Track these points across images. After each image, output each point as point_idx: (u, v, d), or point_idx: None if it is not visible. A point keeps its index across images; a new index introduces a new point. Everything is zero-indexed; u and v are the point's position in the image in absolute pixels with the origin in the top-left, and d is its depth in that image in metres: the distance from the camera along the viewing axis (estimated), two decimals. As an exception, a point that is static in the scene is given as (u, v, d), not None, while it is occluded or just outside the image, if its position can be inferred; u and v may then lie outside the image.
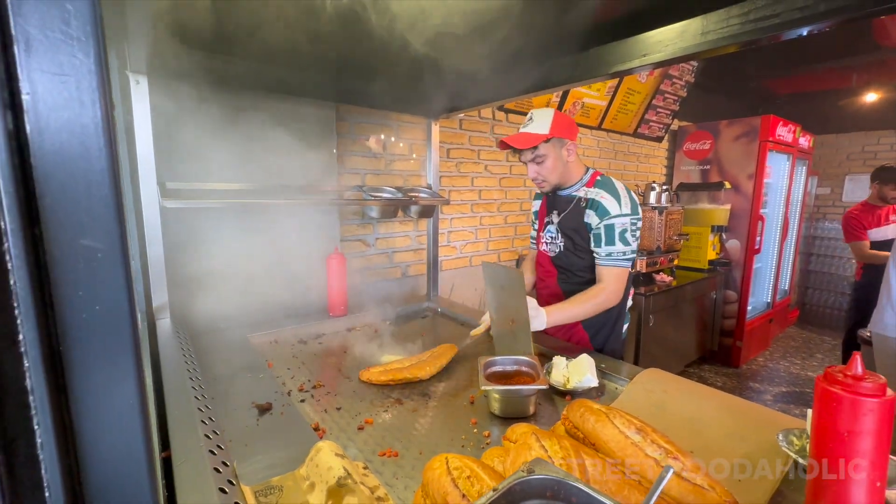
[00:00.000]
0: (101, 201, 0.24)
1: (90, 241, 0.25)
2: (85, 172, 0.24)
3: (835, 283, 5.47)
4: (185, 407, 0.87)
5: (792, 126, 4.16)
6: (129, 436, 0.27)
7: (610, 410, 0.93)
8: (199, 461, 0.70)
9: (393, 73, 1.63)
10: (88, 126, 0.24)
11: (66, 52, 0.23)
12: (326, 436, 1.03)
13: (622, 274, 1.51)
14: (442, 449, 1.00)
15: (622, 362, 1.43)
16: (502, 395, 1.14)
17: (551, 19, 1.37)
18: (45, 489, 0.25)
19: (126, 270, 0.27)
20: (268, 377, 1.28)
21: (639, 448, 0.83)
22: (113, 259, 0.26)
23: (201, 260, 1.67)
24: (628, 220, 1.48)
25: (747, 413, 1.06)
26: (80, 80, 0.24)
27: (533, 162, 1.53)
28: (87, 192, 0.24)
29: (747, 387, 3.75)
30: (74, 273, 0.25)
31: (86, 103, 0.24)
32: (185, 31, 1.26)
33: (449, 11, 1.31)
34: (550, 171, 1.53)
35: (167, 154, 1.52)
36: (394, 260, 2.43)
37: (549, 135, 1.46)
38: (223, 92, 1.65)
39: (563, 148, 1.52)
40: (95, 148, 0.24)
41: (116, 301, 0.27)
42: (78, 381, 0.25)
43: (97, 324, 0.26)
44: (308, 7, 1.13)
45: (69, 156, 0.23)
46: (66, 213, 0.24)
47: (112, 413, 0.26)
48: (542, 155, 1.50)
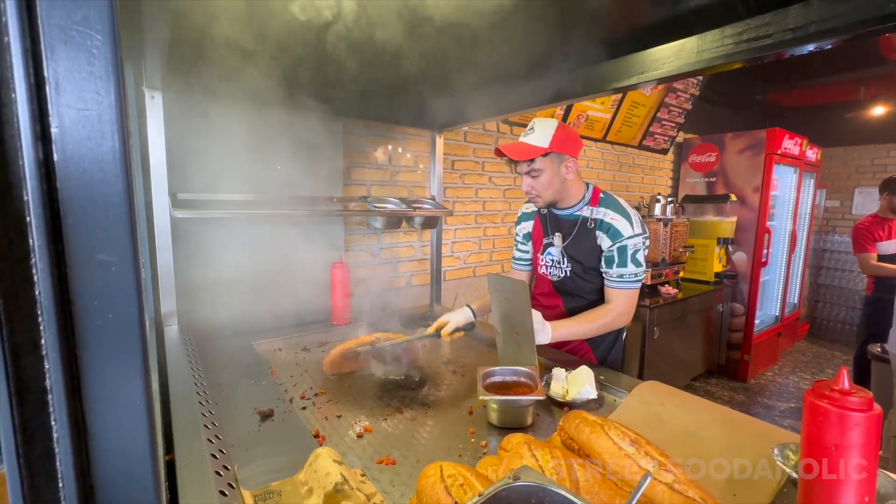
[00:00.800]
0: (116, 221, 0.27)
1: (105, 255, 0.28)
2: (103, 196, 0.27)
3: (846, 297, 5.38)
4: (190, 412, 0.90)
5: (798, 139, 4.16)
6: (135, 434, 0.29)
7: (605, 422, 0.94)
8: (200, 464, 0.72)
9: (398, 88, 1.68)
10: (107, 155, 0.27)
11: (90, 89, 0.26)
12: (326, 442, 1.05)
13: (633, 295, 1.47)
14: (439, 457, 1.01)
15: (621, 374, 1.43)
16: (500, 406, 1.15)
17: (555, 35, 1.41)
18: (59, 480, 0.27)
19: (137, 282, 0.30)
20: (271, 384, 1.31)
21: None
22: (125, 272, 0.29)
23: (209, 268, 1.72)
24: (640, 239, 1.44)
25: (745, 426, 1.06)
26: (102, 113, 0.27)
27: (528, 175, 1.44)
28: (104, 212, 0.27)
29: (755, 402, 3.70)
30: (91, 284, 0.28)
31: (106, 134, 0.27)
32: (199, 49, 1.32)
33: (454, 26, 1.36)
34: (545, 187, 1.44)
35: (179, 165, 1.57)
36: (398, 270, 2.46)
37: (548, 149, 1.38)
38: (234, 106, 1.71)
39: (563, 164, 1.43)
40: (112, 174, 0.27)
41: (127, 310, 0.29)
42: (91, 382, 0.27)
43: (109, 330, 0.29)
44: (315, 26, 1.18)
45: (90, 181, 0.27)
46: (85, 231, 0.27)
47: (120, 413, 0.28)
48: (538, 169, 1.42)
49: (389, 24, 1.09)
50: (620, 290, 1.46)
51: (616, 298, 1.47)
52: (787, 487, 0.86)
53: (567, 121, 3.19)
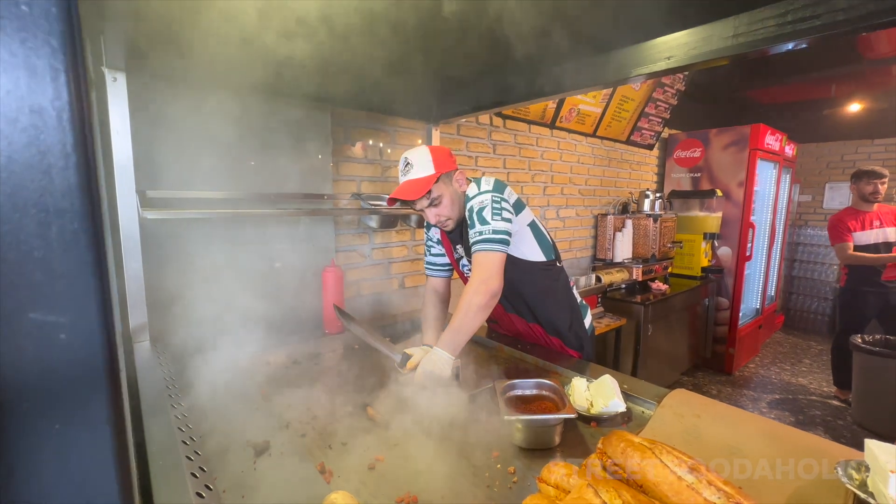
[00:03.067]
0: (65, 246, 0.14)
1: (46, 313, 0.14)
2: (38, 196, 0.13)
3: (818, 288, 5.57)
4: (171, 457, 0.74)
5: (779, 135, 4.23)
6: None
7: (654, 445, 0.84)
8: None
9: (393, 75, 1.54)
10: (46, 111, 0.13)
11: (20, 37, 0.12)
12: (334, 480, 0.91)
13: (493, 258, 1.30)
14: (466, 490, 0.89)
15: (643, 382, 1.34)
16: (525, 425, 1.04)
17: (571, 21, 1.30)
18: None
19: (109, 354, 0.16)
20: (262, 407, 1.15)
21: (695, 491, 0.74)
22: (85, 341, 0.15)
23: (184, 275, 1.53)
24: (488, 196, 1.34)
25: (792, 440, 0.99)
26: (29, 27, 0.13)
27: (431, 206, 1.40)
28: (40, 231, 0.13)
29: (742, 394, 3.75)
30: (21, 369, 0.14)
31: (40, 73, 0.13)
32: (168, 25, 1.14)
33: (454, 15, 1.23)
34: (451, 209, 1.41)
35: (147, 159, 1.38)
36: (390, 271, 2.32)
37: (436, 174, 1.36)
38: (211, 92, 1.52)
39: (453, 180, 1.42)
40: (58, 150, 0.14)
41: (88, 404, 0.16)
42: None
43: (59, 441, 0.15)
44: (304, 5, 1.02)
45: (6, 166, 0.13)
46: (6, 277, 0.13)
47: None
48: (437, 196, 1.38)
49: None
50: (476, 254, 1.32)
51: (474, 266, 1.32)
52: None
53: (559, 115, 3.11)
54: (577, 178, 3.52)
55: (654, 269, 3.60)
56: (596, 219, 3.73)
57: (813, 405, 3.56)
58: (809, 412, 3.44)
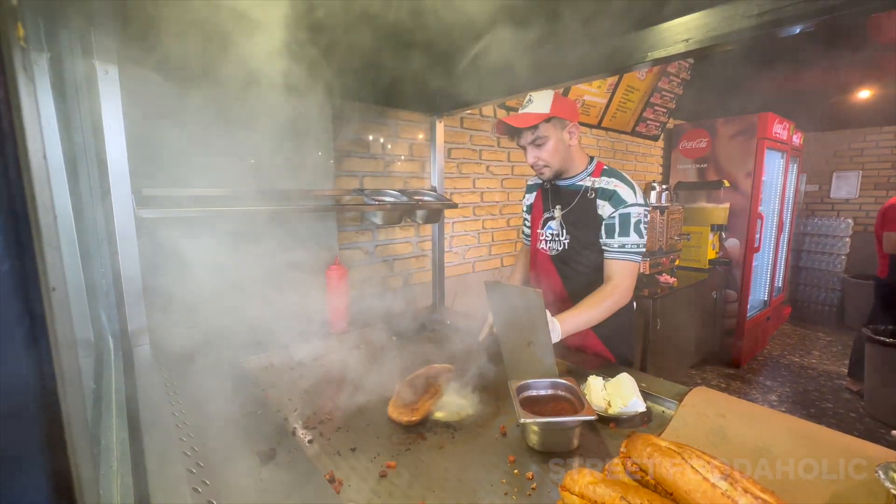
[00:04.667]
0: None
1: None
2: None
3: (825, 279, 5.50)
4: (172, 470, 0.69)
5: (787, 123, 4.16)
6: None
7: (682, 449, 0.79)
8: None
9: (397, 66, 1.48)
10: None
11: None
12: (344, 489, 0.86)
13: (633, 269, 1.39)
14: (482, 498, 0.85)
15: (661, 380, 1.29)
16: (542, 428, 0.99)
17: (580, 3, 1.25)
18: None
19: (47, 410, 0.11)
20: (267, 411, 1.11)
21: (730, 499, 0.69)
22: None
23: (184, 276, 1.48)
24: (643, 210, 1.38)
25: (825, 440, 0.94)
26: None
27: (533, 144, 1.41)
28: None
29: (752, 387, 3.70)
30: None
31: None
32: (160, 13, 1.09)
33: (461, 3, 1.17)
34: (552, 155, 1.41)
35: (143, 156, 1.32)
36: (395, 269, 2.27)
37: (549, 114, 1.35)
38: (207, 85, 1.47)
39: (565, 130, 1.41)
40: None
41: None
42: None
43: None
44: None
45: None
46: None
47: None
48: (542, 136, 1.38)
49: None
50: (621, 261, 1.38)
51: (617, 272, 1.38)
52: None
53: (564, 106, 3.05)
54: (583, 171, 3.45)
55: (662, 261, 3.55)
56: (601, 212, 3.66)
57: (824, 397, 3.51)
58: (821, 404, 3.40)
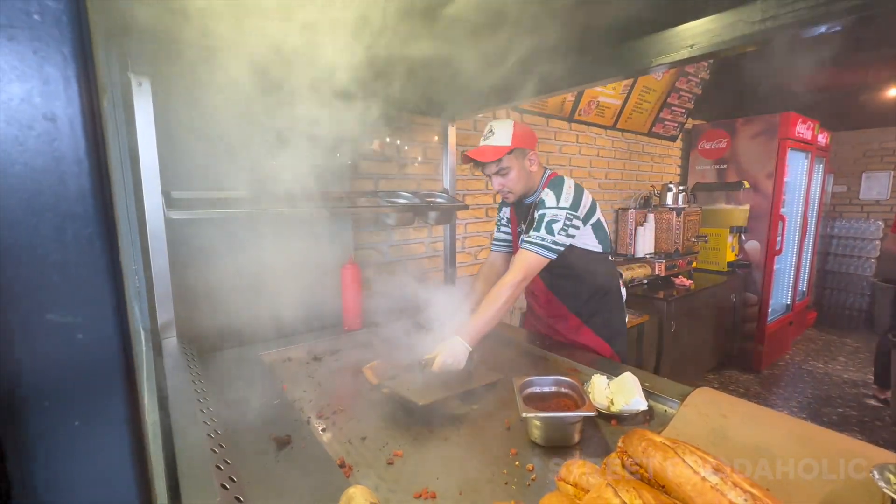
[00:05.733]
0: (79, 249, 0.14)
1: (62, 314, 0.14)
2: (54, 201, 0.14)
3: (854, 283, 5.32)
4: (197, 450, 0.76)
5: (811, 123, 4.05)
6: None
7: (677, 444, 0.82)
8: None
9: (411, 74, 1.54)
10: (60, 120, 0.14)
11: (33, 47, 0.13)
12: (354, 474, 0.92)
13: (532, 259, 1.43)
14: (483, 487, 0.89)
15: (665, 380, 1.31)
16: (545, 423, 1.03)
17: (581, 13, 1.28)
18: None
19: (124, 355, 0.16)
20: (284, 402, 1.18)
21: (719, 492, 0.72)
22: (102, 340, 0.15)
23: (209, 273, 1.57)
24: (563, 212, 1.45)
25: (824, 442, 0.95)
26: (39, 39, 0.13)
27: (497, 175, 1.51)
28: (56, 235, 0.14)
29: (771, 392, 3.62)
30: (37, 368, 0.15)
31: (52, 79, 0.13)
32: (189, 30, 1.17)
33: (470, 9, 1.22)
34: (515, 182, 1.52)
35: (171, 160, 1.42)
36: (408, 268, 2.33)
37: (511, 146, 1.45)
38: (228, 93, 1.55)
39: (526, 158, 1.51)
40: (72, 159, 0.14)
41: (107, 404, 0.16)
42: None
43: (78, 439, 0.16)
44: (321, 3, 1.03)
45: (23, 174, 0.13)
46: (18, 273, 0.13)
47: None
48: (505, 167, 1.49)
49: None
50: (524, 249, 1.45)
51: (517, 260, 1.46)
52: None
53: (578, 108, 3.06)
54: (597, 172, 3.45)
55: (678, 263, 3.51)
56: (616, 213, 3.65)
57: (848, 404, 3.41)
58: (844, 412, 3.30)
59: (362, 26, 1.18)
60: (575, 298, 1.65)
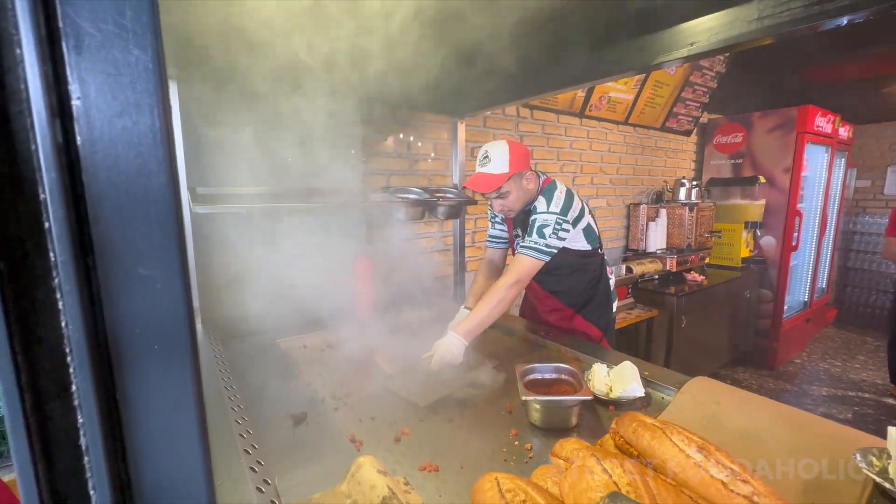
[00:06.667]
0: (159, 224, 0.21)
1: (148, 269, 0.21)
2: (143, 191, 0.20)
3: (876, 280, 5.18)
4: (223, 420, 0.85)
5: (831, 116, 3.96)
6: (193, 493, 0.23)
7: (665, 425, 0.87)
8: (240, 479, 0.67)
9: (421, 73, 1.59)
10: (146, 135, 0.20)
11: (121, 47, 0.19)
12: (363, 448, 1.00)
13: (530, 265, 1.50)
14: (483, 463, 0.96)
15: (665, 369, 1.35)
16: (543, 406, 1.09)
17: (587, 11, 1.31)
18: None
19: (187, 302, 0.23)
20: (300, 384, 1.26)
21: (702, 468, 0.77)
22: (173, 289, 0.22)
23: (229, 265, 1.67)
24: (552, 217, 1.51)
25: (813, 428, 0.98)
26: (136, 80, 0.20)
27: (498, 198, 1.57)
28: (145, 213, 0.20)
29: (785, 389, 3.59)
30: (131, 308, 0.21)
31: (143, 107, 0.20)
32: (210, 33, 1.25)
33: (479, 9, 1.26)
34: (515, 202, 1.58)
35: (194, 158, 1.51)
36: (419, 262, 2.40)
37: (509, 172, 1.50)
38: (249, 94, 1.64)
39: (523, 178, 1.56)
40: (154, 161, 0.21)
41: (177, 339, 0.23)
42: (137, 437, 0.21)
43: (156, 367, 0.23)
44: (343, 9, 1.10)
45: (125, 172, 0.20)
46: (122, 239, 0.20)
47: (174, 475, 0.22)
48: (505, 192, 1.55)
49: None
50: (520, 254, 1.52)
51: (514, 264, 1.53)
52: (876, 498, 0.78)
53: (589, 103, 3.07)
54: (608, 168, 3.46)
55: (690, 259, 3.50)
56: (628, 209, 3.65)
57: (865, 403, 3.36)
58: (861, 410, 3.26)
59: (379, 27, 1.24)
60: (568, 294, 1.74)
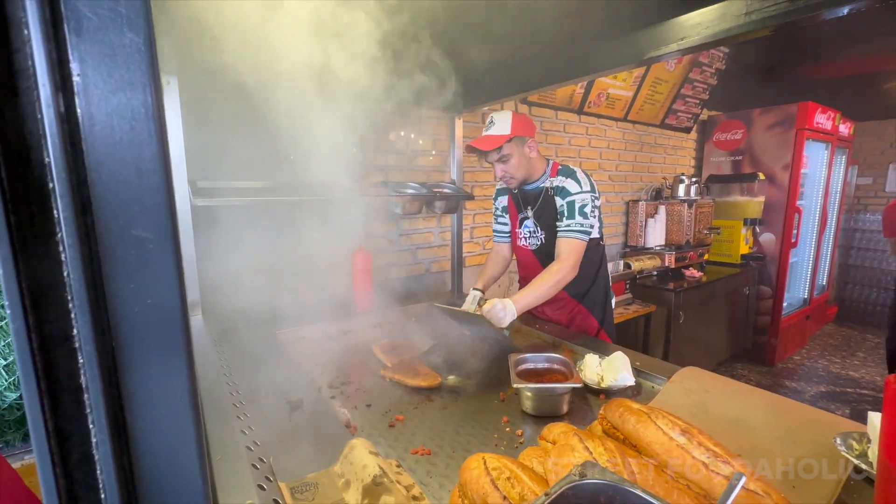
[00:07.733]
0: (151, 190, 0.23)
1: (141, 231, 0.24)
2: (136, 159, 0.23)
3: (877, 278, 5.18)
4: (220, 403, 0.87)
5: (831, 113, 3.96)
6: (181, 436, 0.26)
7: (651, 410, 0.89)
8: (236, 458, 0.70)
9: (418, 68, 1.62)
10: (139, 110, 0.23)
11: (116, 30, 0.22)
12: (358, 433, 1.02)
13: (578, 246, 1.57)
14: (475, 448, 0.98)
15: (657, 360, 1.37)
16: (535, 394, 1.11)
17: (582, 7, 1.33)
18: (100, 490, 0.24)
19: (177, 262, 0.25)
20: (297, 373, 1.29)
21: (685, 450, 0.79)
22: (164, 250, 0.25)
23: (229, 257, 1.69)
24: (588, 196, 1.58)
25: (796, 414, 1.00)
26: (129, 60, 0.22)
27: (499, 161, 1.61)
28: (137, 179, 0.23)
29: (784, 386, 3.60)
30: (126, 265, 0.24)
31: (136, 85, 0.22)
32: (211, 29, 1.27)
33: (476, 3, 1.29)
34: (517, 168, 1.61)
35: (194, 152, 1.54)
36: (417, 256, 2.42)
37: (511, 134, 1.54)
38: (246, 89, 1.66)
39: (525, 145, 1.60)
40: (146, 133, 0.23)
41: (167, 295, 0.25)
42: (131, 378, 0.24)
43: (148, 318, 0.25)
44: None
45: (120, 141, 0.22)
46: (117, 201, 0.22)
47: (164, 413, 0.25)
48: (506, 154, 1.58)
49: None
50: (567, 238, 1.57)
51: (564, 249, 1.57)
52: (853, 479, 0.81)
53: (588, 100, 3.08)
54: (607, 164, 3.47)
55: (689, 255, 3.51)
56: (627, 205, 3.66)
57: (864, 399, 3.37)
58: (859, 407, 3.27)
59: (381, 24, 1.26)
60: (572, 283, 1.73)
